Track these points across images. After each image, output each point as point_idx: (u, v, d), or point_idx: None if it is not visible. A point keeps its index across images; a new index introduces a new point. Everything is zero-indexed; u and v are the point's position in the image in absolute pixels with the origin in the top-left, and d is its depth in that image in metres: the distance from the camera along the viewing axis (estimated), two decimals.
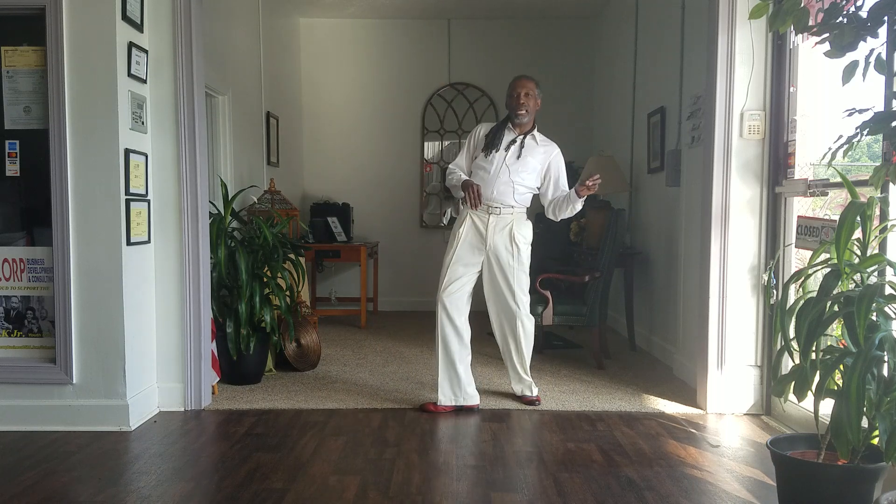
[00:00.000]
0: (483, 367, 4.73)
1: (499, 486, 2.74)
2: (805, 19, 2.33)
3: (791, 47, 3.55)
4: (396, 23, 7.28)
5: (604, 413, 3.73)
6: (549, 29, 7.32)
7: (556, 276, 4.87)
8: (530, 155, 3.79)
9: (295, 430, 3.42)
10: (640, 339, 5.35)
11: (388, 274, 7.36)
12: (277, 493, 2.65)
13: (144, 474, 2.85)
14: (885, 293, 2.21)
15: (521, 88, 3.79)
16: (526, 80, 3.82)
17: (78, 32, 3.31)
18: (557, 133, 7.39)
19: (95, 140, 3.34)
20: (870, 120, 2.17)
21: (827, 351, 2.34)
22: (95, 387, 3.41)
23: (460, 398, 3.73)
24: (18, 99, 3.40)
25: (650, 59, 5.40)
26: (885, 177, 2.19)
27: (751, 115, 3.65)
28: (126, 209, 3.40)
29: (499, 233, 3.79)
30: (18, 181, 3.47)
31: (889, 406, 2.14)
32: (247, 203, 5.35)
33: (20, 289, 3.46)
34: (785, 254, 3.56)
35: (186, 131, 3.64)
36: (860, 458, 2.24)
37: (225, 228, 4.20)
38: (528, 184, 3.83)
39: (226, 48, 5.10)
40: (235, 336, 4.12)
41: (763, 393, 3.72)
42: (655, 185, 5.16)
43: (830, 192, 3.30)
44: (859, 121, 2.20)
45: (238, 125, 5.33)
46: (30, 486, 2.73)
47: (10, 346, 3.47)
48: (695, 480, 2.82)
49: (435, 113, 7.39)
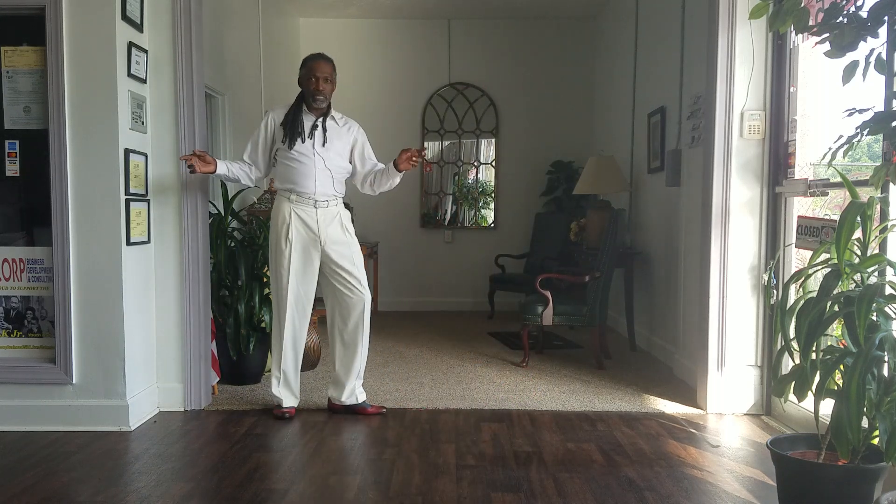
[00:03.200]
0: (483, 367, 4.73)
1: (499, 486, 2.73)
2: (805, 19, 2.33)
3: (791, 47, 3.55)
4: (396, 23, 7.28)
5: (604, 413, 3.73)
6: (549, 29, 7.32)
7: (556, 276, 4.87)
8: (336, 138, 3.60)
9: (295, 430, 3.42)
10: (640, 339, 5.35)
11: (388, 274, 7.36)
12: (277, 493, 2.65)
13: (144, 474, 2.85)
14: (885, 293, 2.21)
15: (320, 73, 3.53)
16: (324, 64, 3.57)
17: (78, 32, 3.31)
18: (558, 133, 7.49)
19: (95, 140, 3.34)
20: (870, 120, 2.17)
21: (827, 351, 2.34)
22: (95, 387, 3.41)
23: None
24: (18, 99, 3.40)
25: (650, 59, 5.40)
26: (885, 177, 2.19)
27: (751, 115, 3.65)
28: (126, 209, 3.40)
29: (335, 228, 3.58)
30: (18, 181, 3.47)
31: (889, 406, 2.14)
32: (247, 203, 5.35)
33: (20, 289, 3.46)
34: (785, 254, 3.55)
35: (186, 131, 3.64)
36: (860, 458, 2.23)
37: (225, 228, 4.20)
38: (343, 167, 3.65)
39: (226, 48, 5.10)
40: (235, 336, 4.12)
41: (763, 393, 3.71)
42: (655, 185, 5.16)
43: (830, 192, 3.30)
44: (859, 121, 2.20)
45: (238, 125, 5.33)
46: (30, 486, 2.72)
47: (10, 346, 3.47)
48: (695, 480, 2.82)
49: (435, 113, 7.39)
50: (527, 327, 4.79)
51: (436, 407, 3.82)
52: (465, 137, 7.45)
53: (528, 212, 7.32)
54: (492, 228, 7.46)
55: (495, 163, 7.44)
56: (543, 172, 7.26)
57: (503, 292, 6.78)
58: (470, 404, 3.86)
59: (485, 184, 7.52)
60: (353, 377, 3.66)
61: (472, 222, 7.53)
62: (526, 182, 7.37)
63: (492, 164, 7.46)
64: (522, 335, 4.81)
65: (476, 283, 7.31)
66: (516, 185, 7.40)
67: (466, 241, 7.46)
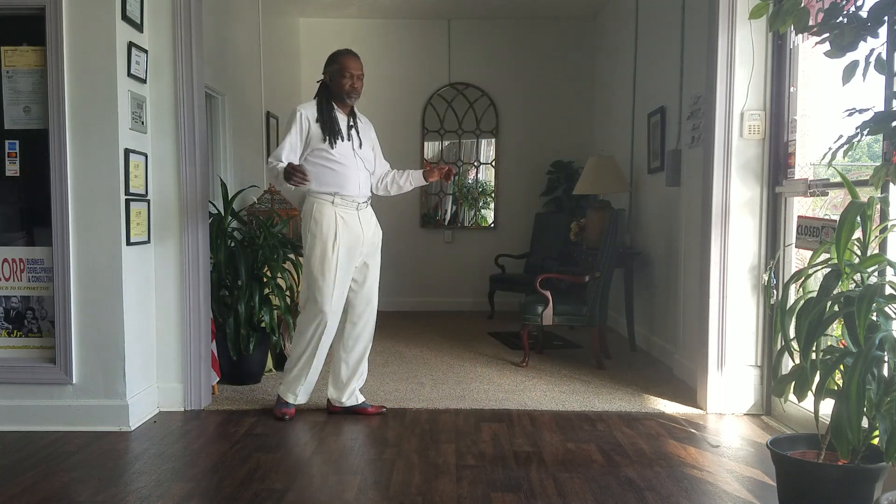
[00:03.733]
0: (483, 367, 4.73)
1: (499, 486, 2.73)
2: (805, 19, 2.33)
3: (791, 47, 3.55)
4: (396, 23, 7.28)
5: (604, 413, 3.73)
6: (549, 29, 7.32)
7: (556, 276, 4.87)
8: (365, 137, 3.56)
9: (295, 430, 3.42)
10: (640, 339, 5.35)
11: (388, 274, 7.29)
12: (277, 493, 2.65)
13: (144, 474, 2.85)
14: (885, 293, 2.21)
15: (354, 70, 3.46)
16: (358, 61, 3.50)
17: (78, 32, 3.31)
18: (558, 133, 7.50)
19: (95, 140, 3.34)
20: (870, 120, 2.17)
21: (827, 351, 2.34)
22: (95, 387, 3.41)
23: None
24: (18, 99, 3.40)
25: (650, 59, 5.40)
26: (885, 177, 2.19)
27: (751, 115, 3.65)
28: (126, 209, 3.40)
29: (372, 229, 3.55)
30: (18, 181, 3.47)
31: (889, 406, 2.14)
32: (247, 203, 5.35)
33: (20, 289, 3.46)
34: (785, 254, 3.55)
35: (186, 131, 3.64)
36: (860, 458, 2.24)
37: (225, 228, 4.20)
38: (372, 167, 3.62)
39: (226, 48, 5.10)
40: (235, 336, 4.12)
41: (763, 393, 3.71)
42: (655, 185, 5.16)
43: (830, 192, 3.30)
44: (859, 121, 2.20)
45: (238, 125, 5.33)
46: (29, 486, 2.72)
47: (10, 346, 3.47)
48: (695, 480, 2.82)
49: (435, 113, 7.39)
50: (527, 327, 4.79)
51: (436, 407, 3.82)
52: (465, 137, 7.45)
53: (528, 212, 7.32)
54: (492, 228, 7.46)
55: (495, 163, 7.44)
56: (543, 172, 7.27)
57: (503, 292, 6.77)
58: (470, 404, 3.86)
59: (485, 184, 7.52)
60: (356, 379, 3.66)
61: (472, 222, 7.53)
62: (526, 182, 7.37)
63: (492, 164, 7.46)
64: (522, 335, 4.81)
65: (476, 283, 7.31)
66: (516, 185, 7.40)
67: (466, 241, 7.46)
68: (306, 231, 3.46)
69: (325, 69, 3.55)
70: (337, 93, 3.49)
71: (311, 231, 3.43)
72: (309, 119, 3.44)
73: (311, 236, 3.43)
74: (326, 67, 3.54)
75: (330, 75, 3.51)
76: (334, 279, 3.40)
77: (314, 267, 3.42)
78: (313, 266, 3.42)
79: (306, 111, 3.45)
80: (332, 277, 3.40)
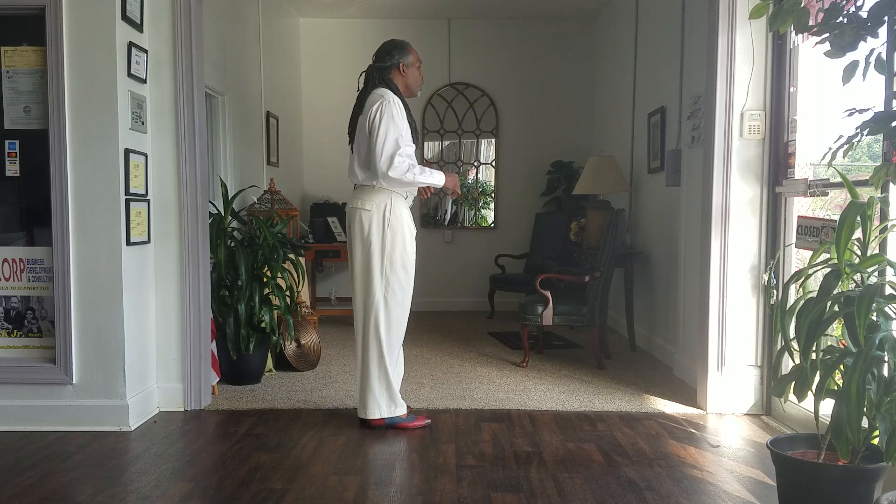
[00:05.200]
0: (483, 367, 4.72)
1: (499, 486, 2.73)
2: (805, 19, 2.33)
3: (791, 47, 3.55)
4: (396, 23, 7.28)
5: (604, 413, 3.73)
6: (549, 29, 7.32)
7: (556, 276, 4.87)
8: None
9: (295, 430, 3.42)
10: (640, 339, 5.35)
11: None
12: (277, 493, 2.65)
13: (144, 474, 2.85)
14: (885, 293, 2.21)
15: (420, 63, 3.43)
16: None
17: (78, 32, 3.31)
18: (558, 133, 7.49)
19: (95, 140, 3.34)
20: (870, 120, 2.17)
21: (827, 351, 2.34)
22: (95, 387, 3.41)
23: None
24: (18, 99, 3.40)
25: (650, 59, 5.40)
26: (885, 177, 2.19)
27: (751, 115, 3.65)
28: (126, 209, 3.40)
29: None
30: (18, 181, 3.47)
31: (889, 406, 2.14)
32: (247, 203, 5.35)
33: (20, 289, 3.46)
34: (785, 254, 3.55)
35: (186, 131, 3.64)
36: (860, 458, 2.23)
37: (225, 228, 4.20)
38: None
39: (226, 48, 5.10)
40: (235, 336, 4.12)
41: (763, 393, 3.71)
42: (655, 185, 5.16)
43: (830, 192, 3.30)
44: (859, 121, 2.20)
45: (238, 125, 5.33)
46: (29, 486, 2.72)
47: (10, 346, 3.47)
48: (695, 481, 2.82)
49: (435, 113, 7.39)
50: (527, 327, 4.79)
51: (436, 407, 3.82)
52: (465, 137, 7.45)
53: (528, 212, 7.32)
54: (492, 228, 7.46)
55: (495, 163, 7.44)
56: (543, 172, 7.27)
57: (503, 292, 6.78)
58: (470, 404, 3.86)
59: (485, 184, 7.52)
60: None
61: (472, 222, 7.53)
62: (526, 182, 7.37)
63: (492, 164, 7.46)
64: (522, 335, 4.81)
65: (476, 283, 7.31)
66: (516, 185, 7.40)
67: (466, 241, 7.46)
68: (383, 226, 3.30)
69: (394, 58, 3.39)
70: (412, 85, 3.44)
71: (390, 227, 3.30)
72: (401, 109, 3.29)
73: (390, 231, 3.30)
74: (397, 57, 3.38)
75: (405, 66, 3.40)
76: (412, 277, 3.39)
77: (396, 262, 3.32)
78: (395, 262, 3.32)
79: (396, 101, 3.28)
80: (412, 276, 3.39)
